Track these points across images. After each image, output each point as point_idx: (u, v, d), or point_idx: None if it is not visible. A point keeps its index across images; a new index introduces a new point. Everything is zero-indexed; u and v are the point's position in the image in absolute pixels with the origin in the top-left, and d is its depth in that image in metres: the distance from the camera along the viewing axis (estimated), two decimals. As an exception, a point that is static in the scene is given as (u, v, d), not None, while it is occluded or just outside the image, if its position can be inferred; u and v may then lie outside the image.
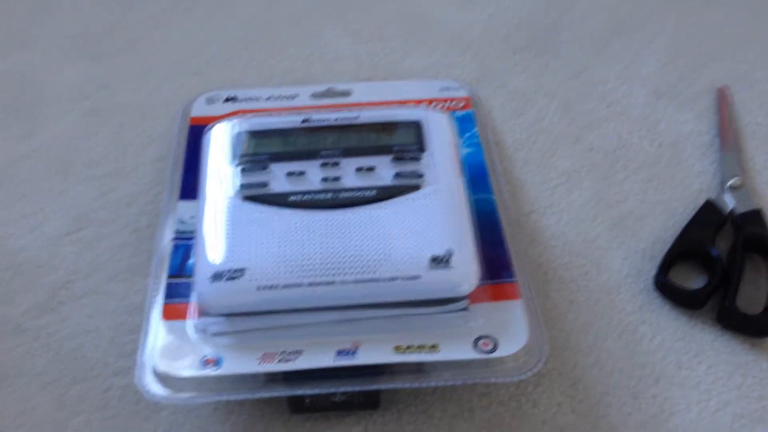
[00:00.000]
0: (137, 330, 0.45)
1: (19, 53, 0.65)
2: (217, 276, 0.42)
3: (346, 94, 0.59)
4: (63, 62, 0.64)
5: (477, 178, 0.52)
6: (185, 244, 0.48)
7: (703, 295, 0.48)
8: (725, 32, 0.66)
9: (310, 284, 0.42)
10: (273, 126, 0.50)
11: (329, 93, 0.59)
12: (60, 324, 0.47)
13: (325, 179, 0.46)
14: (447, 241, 0.43)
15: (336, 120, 0.50)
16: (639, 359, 0.46)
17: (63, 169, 0.56)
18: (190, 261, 0.46)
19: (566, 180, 0.56)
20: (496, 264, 0.47)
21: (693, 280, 0.50)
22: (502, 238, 0.49)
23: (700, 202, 0.53)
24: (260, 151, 0.48)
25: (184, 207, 0.50)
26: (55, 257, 0.51)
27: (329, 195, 0.45)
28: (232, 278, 0.42)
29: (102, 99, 0.61)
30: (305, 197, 0.45)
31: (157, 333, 0.43)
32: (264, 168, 0.47)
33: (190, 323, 0.44)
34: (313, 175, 0.46)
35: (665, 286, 0.49)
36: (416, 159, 0.48)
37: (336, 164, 0.47)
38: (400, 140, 0.49)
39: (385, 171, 0.47)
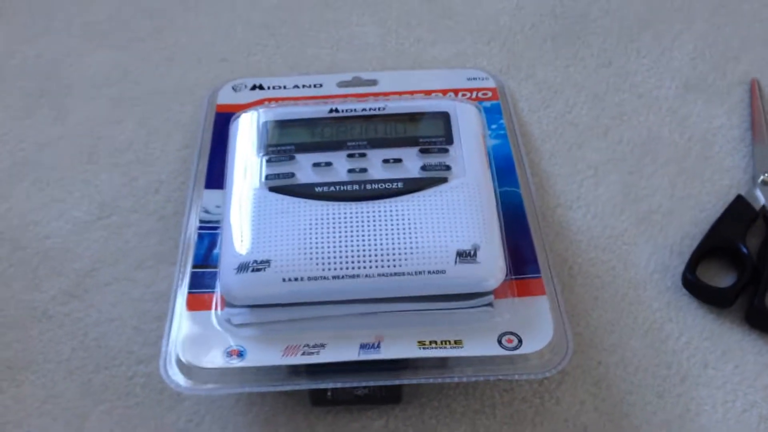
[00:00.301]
0: (162, 318, 0.45)
1: (45, 39, 0.65)
2: (243, 267, 0.42)
3: (372, 83, 0.59)
4: (89, 48, 0.64)
5: (503, 170, 0.52)
6: (210, 233, 0.48)
7: (731, 293, 0.47)
8: (758, 23, 0.65)
9: (335, 277, 0.42)
10: (299, 116, 0.50)
11: (355, 82, 0.59)
12: (85, 311, 0.48)
13: (351, 170, 0.46)
14: (473, 236, 0.43)
15: (363, 110, 0.50)
16: (664, 358, 0.46)
17: (89, 155, 0.56)
18: (216, 251, 0.46)
19: (593, 173, 0.55)
20: (522, 259, 0.46)
21: (722, 278, 0.49)
22: (528, 232, 0.48)
23: (731, 197, 0.52)
24: (286, 141, 0.48)
25: (210, 196, 0.50)
26: (81, 244, 0.51)
27: (355, 187, 0.45)
28: (257, 270, 0.42)
29: (128, 86, 0.61)
30: (331, 189, 0.45)
31: (182, 323, 0.43)
32: (290, 158, 0.47)
33: (215, 314, 0.44)
34: (340, 167, 0.46)
35: (693, 284, 0.48)
36: (444, 151, 0.47)
37: (363, 155, 0.47)
38: (428, 132, 0.49)
39: (411, 163, 0.46)
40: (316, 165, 0.46)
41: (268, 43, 0.64)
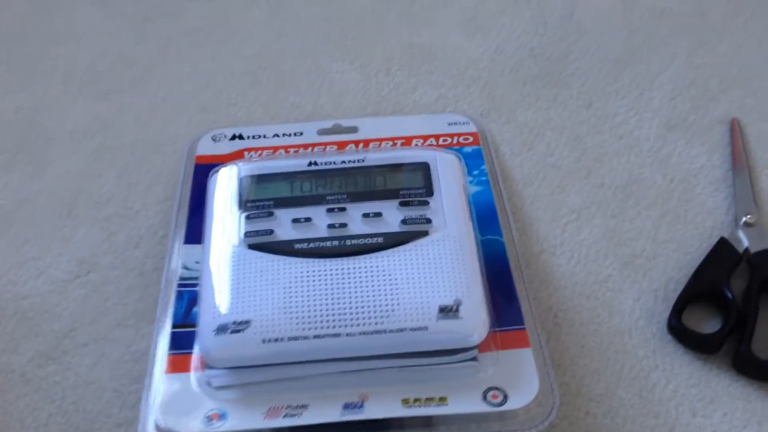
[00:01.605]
0: (142, 378, 0.44)
1: (24, 91, 0.64)
2: (222, 329, 0.41)
3: (352, 130, 0.58)
4: (68, 100, 0.64)
5: (485, 218, 0.52)
6: (189, 291, 0.47)
7: (716, 339, 0.47)
8: (737, 63, 0.65)
9: (316, 336, 0.41)
10: (278, 170, 0.49)
11: (336, 129, 0.59)
12: (63, 374, 0.47)
13: (331, 226, 0.46)
14: (455, 290, 0.43)
15: (342, 162, 0.50)
16: (652, 407, 0.45)
17: (69, 211, 0.55)
18: (195, 309, 0.46)
19: (576, 217, 0.55)
20: (506, 310, 0.46)
21: (707, 323, 0.49)
22: (512, 282, 0.48)
23: (714, 239, 0.52)
24: (265, 196, 0.48)
25: (189, 251, 0.49)
26: (59, 303, 0.50)
27: (335, 243, 0.45)
28: (236, 331, 0.41)
29: (107, 138, 0.60)
30: (311, 245, 0.44)
31: (161, 386, 0.43)
32: (269, 215, 0.46)
33: (194, 376, 0.43)
34: (319, 222, 0.46)
35: (678, 330, 0.48)
36: (424, 203, 0.47)
37: (342, 209, 0.46)
38: (408, 184, 0.48)
39: (392, 216, 0.46)
40: (295, 221, 0.46)
41: (249, 92, 0.64)
